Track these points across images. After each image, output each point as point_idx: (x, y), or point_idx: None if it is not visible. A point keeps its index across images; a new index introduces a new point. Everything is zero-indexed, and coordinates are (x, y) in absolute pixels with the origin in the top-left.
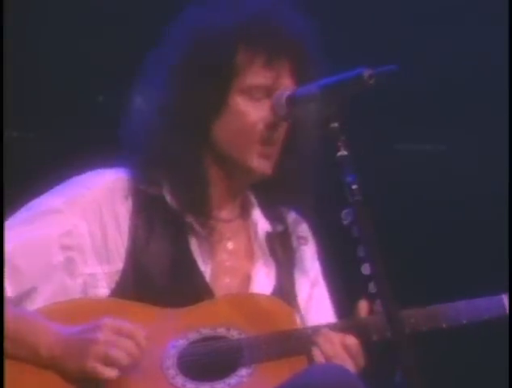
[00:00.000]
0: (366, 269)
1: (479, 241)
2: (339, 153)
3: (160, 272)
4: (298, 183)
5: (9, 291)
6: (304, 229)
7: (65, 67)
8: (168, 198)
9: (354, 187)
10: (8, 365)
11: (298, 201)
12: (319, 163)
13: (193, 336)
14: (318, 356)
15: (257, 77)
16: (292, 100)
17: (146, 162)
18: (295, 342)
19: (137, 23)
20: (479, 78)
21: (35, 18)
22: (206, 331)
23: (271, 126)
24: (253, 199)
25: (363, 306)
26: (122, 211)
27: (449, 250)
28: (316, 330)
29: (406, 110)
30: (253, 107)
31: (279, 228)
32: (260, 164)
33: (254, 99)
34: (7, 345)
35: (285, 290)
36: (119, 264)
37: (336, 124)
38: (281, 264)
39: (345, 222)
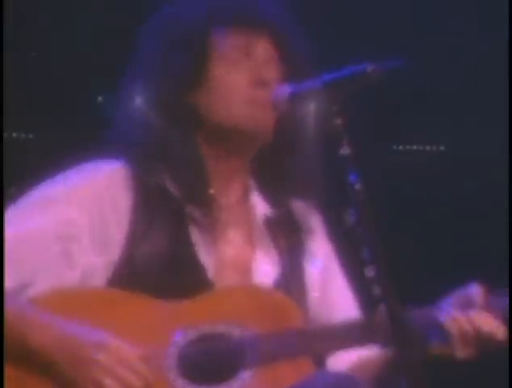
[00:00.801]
0: (370, 271)
1: (479, 241)
2: (342, 152)
3: (158, 265)
4: (302, 182)
5: (8, 282)
6: (308, 213)
7: (65, 67)
8: (169, 188)
9: (357, 186)
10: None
11: (306, 197)
12: (322, 160)
13: (192, 334)
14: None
15: (231, 39)
16: (295, 96)
17: (143, 152)
18: (301, 342)
19: (137, 23)
20: (479, 77)
21: (35, 18)
22: (205, 329)
23: (254, 85)
24: (253, 183)
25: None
26: (122, 201)
27: (449, 250)
28: (324, 330)
29: (406, 110)
30: (233, 70)
31: (282, 212)
32: (250, 123)
33: (233, 63)
34: (7, 337)
35: (289, 280)
36: (116, 255)
37: (339, 121)
38: (284, 251)
39: (348, 223)
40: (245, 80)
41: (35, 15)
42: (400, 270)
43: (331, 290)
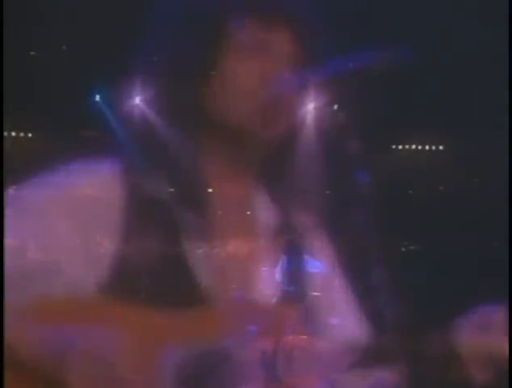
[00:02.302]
0: (373, 273)
1: (479, 241)
2: (346, 150)
3: (151, 274)
4: (307, 182)
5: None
6: (313, 226)
7: (65, 67)
8: (166, 191)
9: (363, 185)
10: None
11: (309, 201)
12: (327, 160)
13: (189, 350)
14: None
15: (247, 32)
16: (295, 92)
17: (138, 152)
18: (306, 360)
19: (137, 22)
20: (479, 77)
21: (34, 18)
22: (203, 344)
23: (268, 83)
24: (258, 190)
25: None
26: (113, 205)
27: (449, 250)
28: (329, 349)
29: (406, 110)
30: (246, 65)
31: (285, 222)
32: (260, 124)
33: (246, 57)
34: None
35: (290, 287)
36: (105, 263)
37: (343, 117)
38: (289, 261)
39: (352, 223)
40: (257, 77)
41: (35, 15)
42: (399, 270)
43: (332, 292)
